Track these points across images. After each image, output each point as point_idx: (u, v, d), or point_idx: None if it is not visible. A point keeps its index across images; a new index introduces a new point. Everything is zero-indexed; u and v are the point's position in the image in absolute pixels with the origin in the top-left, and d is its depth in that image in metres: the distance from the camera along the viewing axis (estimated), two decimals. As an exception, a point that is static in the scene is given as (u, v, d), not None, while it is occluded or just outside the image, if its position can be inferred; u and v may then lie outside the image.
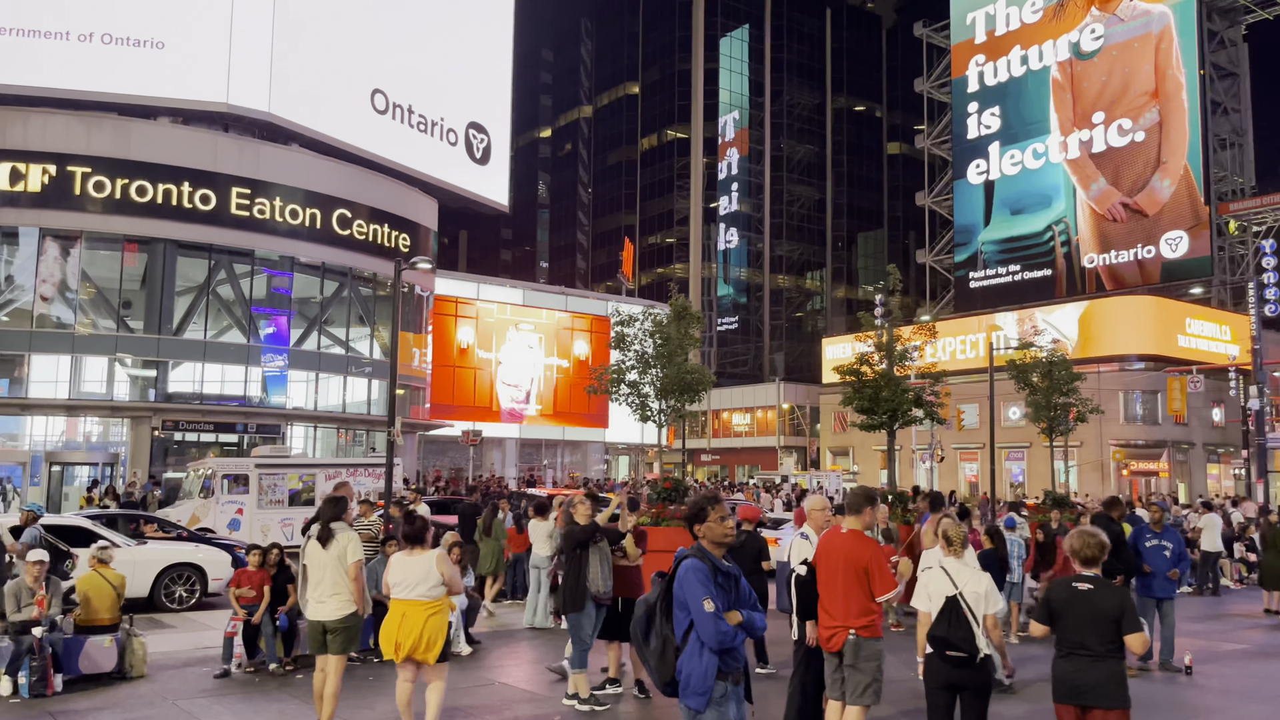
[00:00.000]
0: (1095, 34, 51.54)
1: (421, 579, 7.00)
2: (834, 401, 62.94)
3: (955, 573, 5.69)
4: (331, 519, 7.43)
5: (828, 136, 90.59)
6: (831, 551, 5.68)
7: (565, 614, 8.00)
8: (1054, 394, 21.14)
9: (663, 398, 14.02)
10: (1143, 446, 51.19)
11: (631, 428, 53.10)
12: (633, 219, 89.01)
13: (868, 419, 16.81)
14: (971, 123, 59.70)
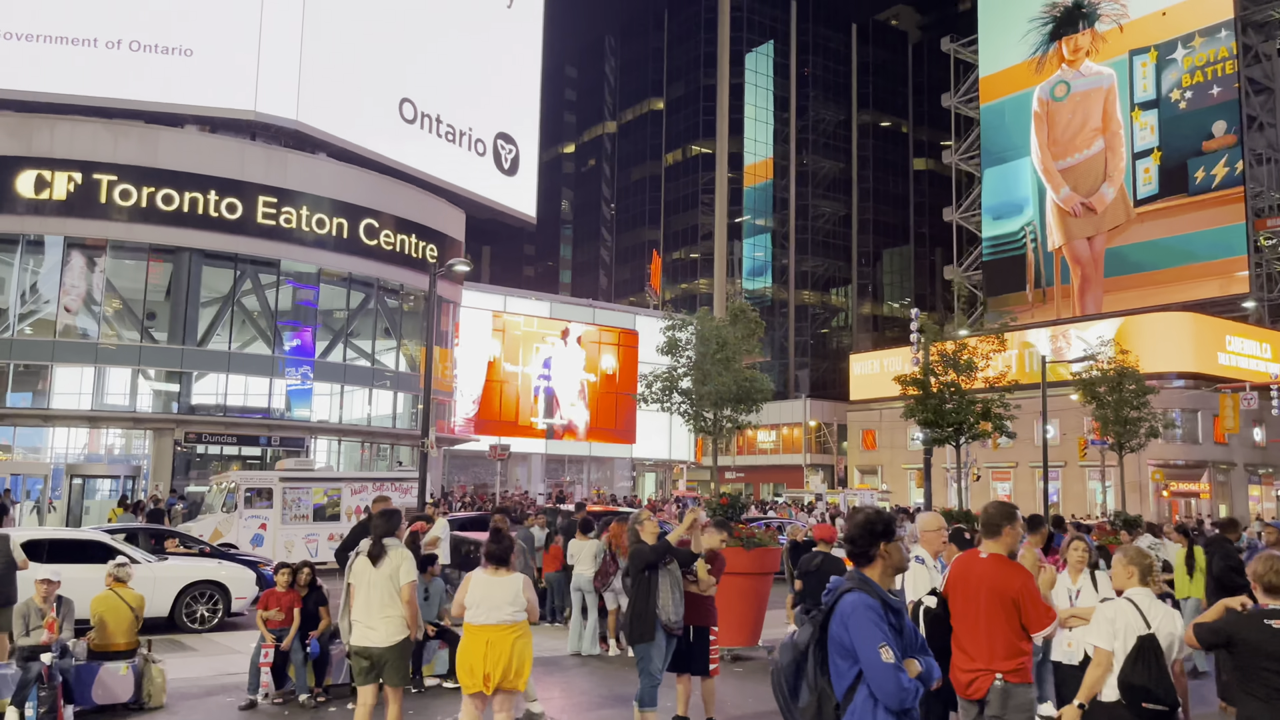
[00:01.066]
0: (1065, 82, 61.78)
1: (508, 601, 6.38)
2: (862, 418, 62.04)
3: (1148, 608, 4.75)
4: (385, 534, 6.70)
5: (853, 152, 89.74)
6: (969, 580, 4.84)
7: (632, 644, 7.17)
8: (1125, 408, 20.13)
9: (718, 407, 13.17)
10: (1182, 467, 49.87)
11: (658, 443, 52.24)
12: (656, 234, 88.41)
13: (932, 432, 15.89)
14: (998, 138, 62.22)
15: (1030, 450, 51.30)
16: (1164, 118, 56.95)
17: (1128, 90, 58.72)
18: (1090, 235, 59.54)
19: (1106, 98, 59.77)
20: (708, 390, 12.96)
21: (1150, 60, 58.13)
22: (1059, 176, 61.52)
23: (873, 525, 3.61)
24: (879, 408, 60.41)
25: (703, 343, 13.59)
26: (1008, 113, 64.01)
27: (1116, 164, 58.77)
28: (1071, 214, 60.10)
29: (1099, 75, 60.48)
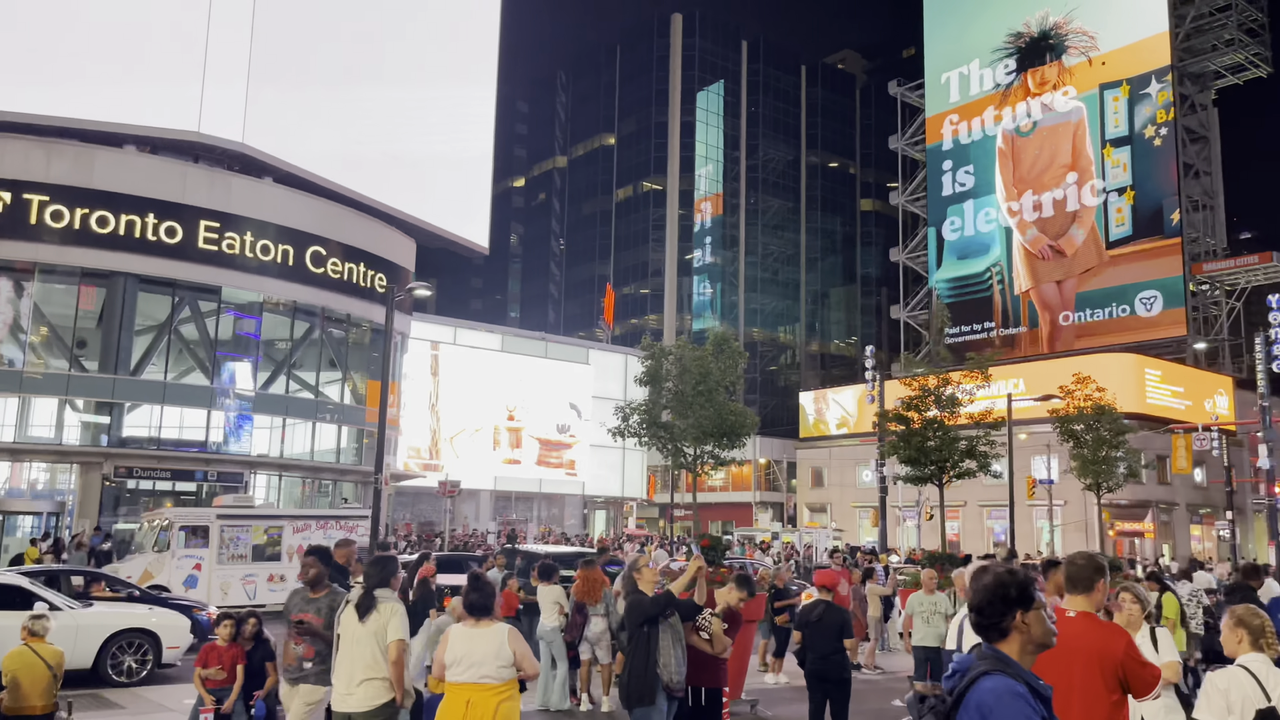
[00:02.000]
0: (1031, 116, 60.07)
1: (491, 657, 5.61)
2: (811, 456, 61.80)
3: (1265, 677, 4.13)
4: (378, 584, 5.91)
5: (802, 191, 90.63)
6: (1058, 643, 4.19)
7: (629, 708, 6.39)
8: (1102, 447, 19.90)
9: (699, 442, 12.43)
10: (1127, 506, 50.26)
11: (610, 480, 51.30)
12: (606, 269, 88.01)
13: (913, 470, 15.35)
14: (946, 180, 62.31)
15: (978, 490, 51.29)
16: (1137, 154, 54.65)
17: (1098, 126, 56.43)
18: (1060, 279, 57.42)
19: (1076, 133, 57.42)
20: (689, 424, 12.21)
21: (1122, 95, 55.60)
22: (1026, 217, 59.35)
23: (1004, 590, 2.89)
24: (828, 445, 60.27)
25: (684, 374, 12.88)
26: (973, 150, 62.16)
27: (1087, 204, 56.46)
28: (1040, 257, 58.23)
29: (1068, 110, 58.14)
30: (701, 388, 12.37)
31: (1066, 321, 56.50)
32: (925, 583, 11.23)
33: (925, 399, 15.23)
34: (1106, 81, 56.31)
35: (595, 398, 49.87)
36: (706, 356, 13.21)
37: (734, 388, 12.88)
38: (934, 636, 10.62)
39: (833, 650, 7.96)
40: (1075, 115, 57.63)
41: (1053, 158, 58.29)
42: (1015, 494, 48.51)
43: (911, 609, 11.00)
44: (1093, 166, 56.39)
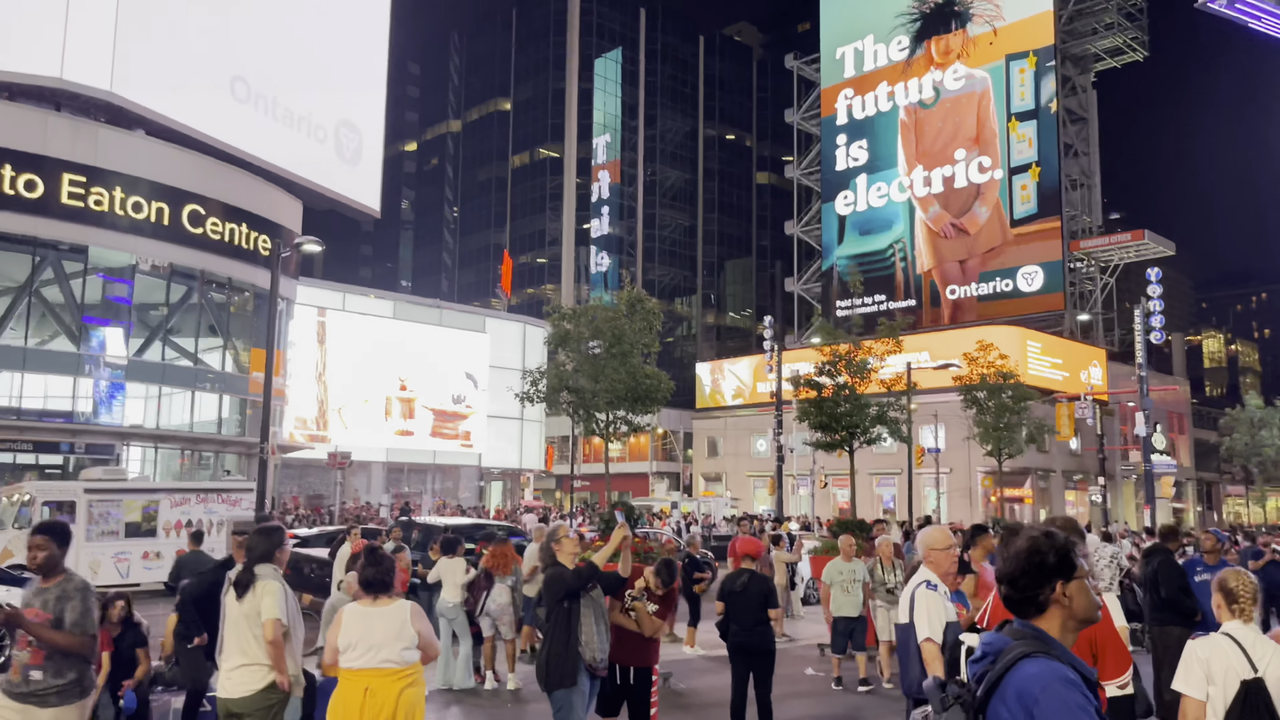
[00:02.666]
0: (936, 86, 58.28)
1: (391, 638, 5.02)
2: (707, 427, 62.20)
3: (1251, 645, 3.80)
4: (261, 558, 5.24)
5: (699, 163, 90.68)
6: None
7: (549, 690, 5.89)
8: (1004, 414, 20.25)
9: (612, 407, 11.90)
10: (1008, 474, 52.11)
11: (507, 452, 50.50)
12: (502, 237, 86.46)
13: (823, 437, 15.19)
14: (840, 154, 62.86)
15: (869, 459, 52.44)
16: (1043, 130, 53.45)
17: (1004, 99, 55.00)
18: (963, 259, 56.12)
19: (980, 105, 55.91)
20: (602, 387, 11.67)
21: (1029, 66, 53.96)
22: (928, 192, 57.84)
23: (1040, 557, 2.44)
24: (724, 416, 60.72)
25: (596, 335, 12.32)
26: (869, 124, 61.01)
27: (991, 180, 55.01)
28: (942, 235, 57.03)
29: (971, 79, 56.31)
30: (615, 350, 11.81)
31: (954, 295, 57.15)
32: (844, 550, 10.93)
33: (837, 365, 15.07)
34: (1013, 52, 54.50)
35: (493, 367, 48.87)
36: (620, 317, 12.63)
37: (649, 349, 12.42)
38: (853, 606, 10.38)
39: (757, 621, 7.62)
40: (980, 86, 56.14)
41: (956, 131, 57.08)
42: (901, 463, 49.97)
43: (830, 578, 10.65)
44: (997, 141, 55.10)
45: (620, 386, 11.59)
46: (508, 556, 10.58)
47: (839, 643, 10.54)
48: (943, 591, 4.60)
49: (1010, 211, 54.49)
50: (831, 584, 10.60)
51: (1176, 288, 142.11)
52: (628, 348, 12.02)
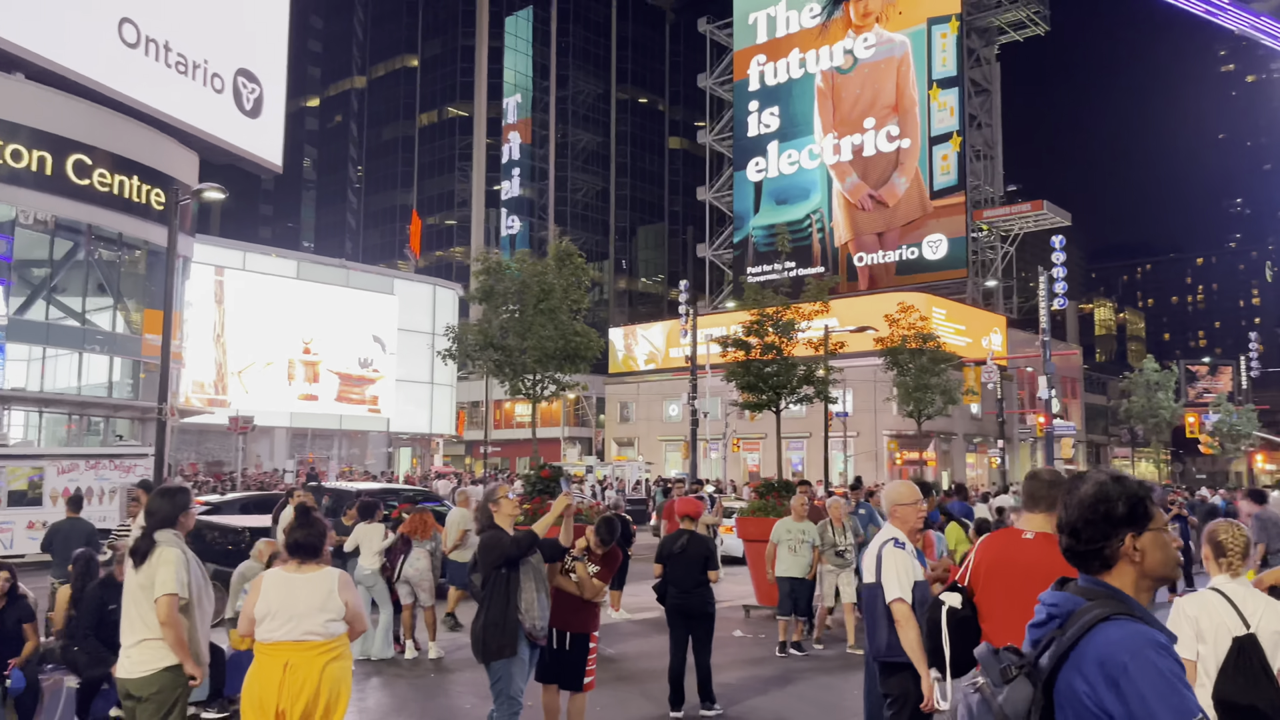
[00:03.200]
0: (852, 52, 56.56)
1: (315, 608, 4.59)
2: (619, 392, 62.07)
3: (1242, 600, 3.66)
4: (162, 523, 4.71)
5: (612, 126, 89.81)
6: (1013, 570, 3.64)
7: (486, 661, 5.53)
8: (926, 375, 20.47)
9: (541, 366, 11.43)
10: (912, 437, 53.47)
11: (417, 416, 49.50)
12: (409, 198, 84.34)
13: (751, 397, 15.03)
14: (752, 120, 62.19)
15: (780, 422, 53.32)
16: (965, 97, 52.76)
17: (925, 64, 53.54)
18: (881, 231, 54.84)
19: (899, 70, 54.28)
20: (530, 345, 11.18)
21: (951, 31, 52.65)
22: (845, 162, 56.20)
23: (1107, 506, 2.10)
24: (636, 381, 60.66)
25: (523, 290, 11.79)
26: (783, 91, 59.75)
27: (911, 150, 53.67)
28: (859, 207, 55.63)
29: (891, 43, 54.25)
30: (543, 305, 11.30)
31: (861, 263, 57.34)
32: (795, 510, 10.56)
33: (764, 325, 14.91)
34: (935, 16, 52.93)
35: (402, 330, 47.63)
36: (548, 271, 12.14)
37: (578, 306, 11.97)
38: (799, 567, 10.13)
39: (696, 584, 7.40)
40: (899, 52, 54.42)
41: (875, 98, 55.55)
42: (810, 425, 50.77)
43: (778, 537, 10.31)
44: (917, 109, 53.68)
45: (549, 344, 11.12)
46: (427, 521, 10.15)
47: (784, 605, 10.25)
48: (910, 549, 4.42)
49: (930, 183, 53.41)
50: (779, 543, 10.29)
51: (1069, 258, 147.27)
52: (556, 303, 11.53)
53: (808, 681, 8.89)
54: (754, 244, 60.35)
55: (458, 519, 11.69)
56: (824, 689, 8.63)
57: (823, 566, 10.51)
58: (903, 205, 54.58)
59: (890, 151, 54.69)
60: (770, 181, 59.97)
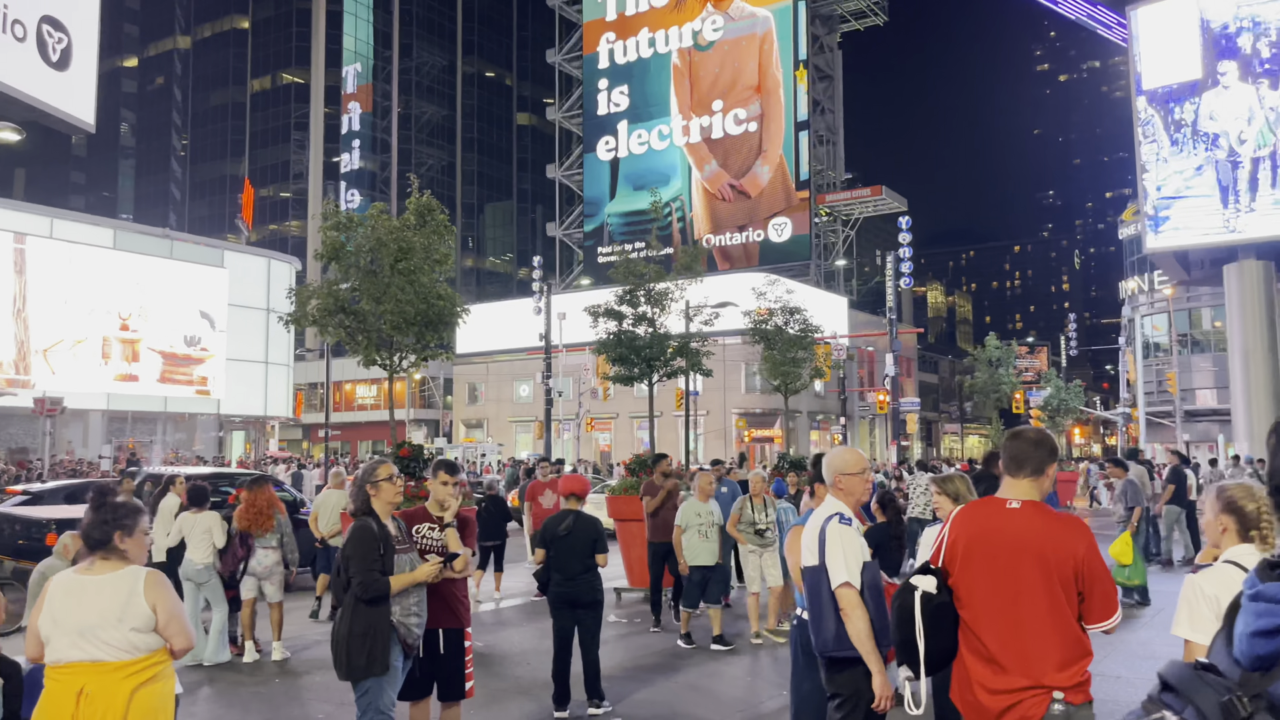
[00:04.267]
0: (713, 27, 54.36)
1: (113, 618, 3.55)
2: (468, 372, 60.49)
3: None
4: None
5: (458, 100, 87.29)
6: (994, 545, 3.13)
7: (352, 680, 4.64)
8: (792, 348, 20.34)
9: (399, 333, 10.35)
10: (760, 415, 54.49)
11: (251, 398, 46.66)
12: (240, 169, 79.49)
13: (622, 369, 14.34)
14: (602, 99, 60.98)
15: (629, 401, 53.15)
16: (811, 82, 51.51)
17: (791, 43, 51.70)
18: (744, 224, 52.73)
19: (762, 48, 51.91)
20: (386, 309, 10.11)
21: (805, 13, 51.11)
22: (704, 148, 53.48)
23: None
24: (485, 361, 59.28)
25: (379, 248, 10.67)
26: (635, 69, 57.79)
27: (775, 135, 51.29)
28: (719, 198, 53.52)
29: (753, 19, 51.72)
30: (402, 265, 10.23)
31: (710, 244, 57.28)
32: (701, 489, 9.29)
33: (636, 294, 14.27)
34: None
35: (233, 306, 44.58)
36: (407, 228, 11.05)
37: (441, 266, 10.98)
38: (710, 553, 9.12)
39: (584, 569, 6.69)
40: (761, 28, 52.29)
41: (735, 78, 53.33)
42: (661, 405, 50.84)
43: (686, 521, 9.12)
44: (781, 90, 51.87)
45: (408, 309, 10.10)
46: (266, 507, 8.96)
47: (691, 596, 9.14)
48: (858, 526, 3.86)
49: (796, 171, 51.94)
50: (688, 528, 9.13)
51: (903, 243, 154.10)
52: (417, 264, 10.50)
53: (695, 669, 8.35)
54: (609, 232, 58.49)
55: (334, 500, 10.60)
56: (714, 677, 8.12)
57: (743, 548, 9.58)
58: (766, 196, 52.92)
59: (751, 135, 52.84)
60: (628, 164, 58.01)
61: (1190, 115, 23.07)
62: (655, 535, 10.17)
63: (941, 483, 4.83)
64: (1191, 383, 42.53)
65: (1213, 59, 22.08)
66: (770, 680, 7.91)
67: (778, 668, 8.20)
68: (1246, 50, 21.91)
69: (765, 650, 9.09)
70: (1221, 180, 22.26)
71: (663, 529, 9.99)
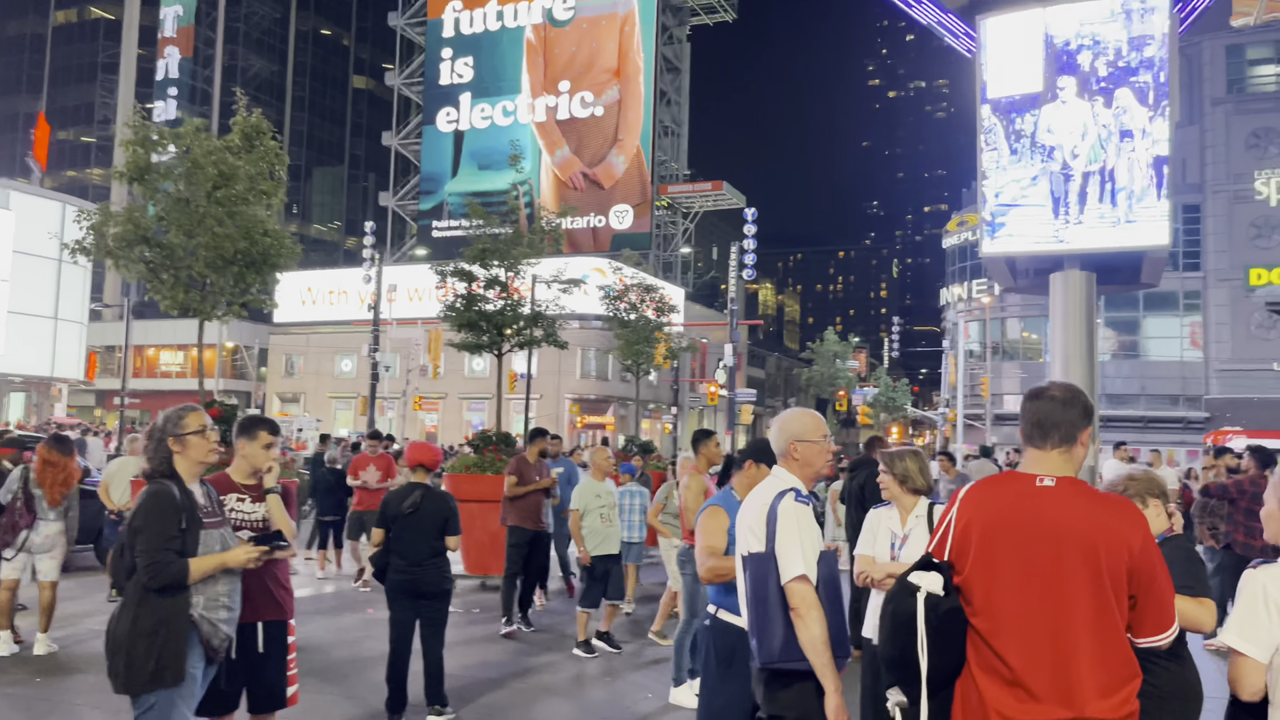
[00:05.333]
0: (568, 3, 52.77)
1: None
2: (286, 343, 57.05)
3: None
4: None
5: (290, 56, 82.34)
6: (1024, 536, 2.41)
7: (131, 694, 3.49)
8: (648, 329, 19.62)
9: (216, 272, 8.82)
10: (593, 401, 54.10)
11: (35, 357, 42.15)
12: (36, 106, 72.07)
13: (469, 338, 13.10)
14: (444, 69, 58.71)
15: (459, 382, 51.61)
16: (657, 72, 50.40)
17: (654, 22, 49.95)
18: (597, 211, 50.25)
19: (623, 30, 49.66)
20: (201, 243, 8.56)
21: None
22: (555, 130, 50.87)
23: None
24: (306, 332, 56.19)
25: (195, 172, 9.07)
26: (484, 41, 55.51)
27: (632, 124, 49.69)
28: (570, 186, 51.04)
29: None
30: (222, 194, 8.68)
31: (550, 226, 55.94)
32: (597, 466, 8.24)
33: (489, 256, 13.11)
34: None
35: (18, 253, 39.94)
36: (230, 148, 9.51)
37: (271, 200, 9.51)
38: (614, 541, 8.03)
39: (432, 553, 5.68)
40: (623, 7, 50.24)
41: (593, 58, 51.42)
42: (486, 388, 49.48)
43: (584, 504, 7.99)
44: (641, 77, 50.60)
45: (227, 245, 8.60)
46: (73, 476, 7.48)
47: (593, 591, 7.91)
48: (812, 506, 3.08)
49: (653, 163, 50.37)
50: (586, 511, 7.97)
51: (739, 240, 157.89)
52: (241, 193, 9.01)
53: (552, 672, 7.42)
54: (449, 209, 55.79)
55: (130, 468, 9.03)
56: (574, 680, 7.25)
57: (666, 541, 8.67)
58: (621, 188, 51.30)
59: (605, 121, 51.18)
60: (473, 140, 55.48)
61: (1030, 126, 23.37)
62: (520, 520, 8.80)
63: (889, 461, 4.14)
64: (1001, 388, 45.07)
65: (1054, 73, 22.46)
66: (637, 683, 7.11)
67: (652, 671, 7.43)
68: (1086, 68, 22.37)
69: (645, 650, 8.22)
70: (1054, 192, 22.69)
71: (531, 514, 8.79)
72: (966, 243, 50.00)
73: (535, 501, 8.86)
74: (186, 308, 9.04)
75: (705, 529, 3.96)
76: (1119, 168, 21.36)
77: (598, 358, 53.05)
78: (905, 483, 4.05)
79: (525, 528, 8.76)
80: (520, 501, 8.77)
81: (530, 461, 9.03)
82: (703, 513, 4.05)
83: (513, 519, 8.77)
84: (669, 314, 21.03)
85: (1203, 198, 41.39)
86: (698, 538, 3.98)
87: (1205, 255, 41.68)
